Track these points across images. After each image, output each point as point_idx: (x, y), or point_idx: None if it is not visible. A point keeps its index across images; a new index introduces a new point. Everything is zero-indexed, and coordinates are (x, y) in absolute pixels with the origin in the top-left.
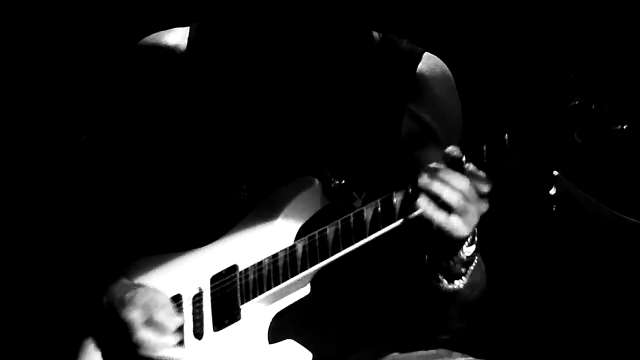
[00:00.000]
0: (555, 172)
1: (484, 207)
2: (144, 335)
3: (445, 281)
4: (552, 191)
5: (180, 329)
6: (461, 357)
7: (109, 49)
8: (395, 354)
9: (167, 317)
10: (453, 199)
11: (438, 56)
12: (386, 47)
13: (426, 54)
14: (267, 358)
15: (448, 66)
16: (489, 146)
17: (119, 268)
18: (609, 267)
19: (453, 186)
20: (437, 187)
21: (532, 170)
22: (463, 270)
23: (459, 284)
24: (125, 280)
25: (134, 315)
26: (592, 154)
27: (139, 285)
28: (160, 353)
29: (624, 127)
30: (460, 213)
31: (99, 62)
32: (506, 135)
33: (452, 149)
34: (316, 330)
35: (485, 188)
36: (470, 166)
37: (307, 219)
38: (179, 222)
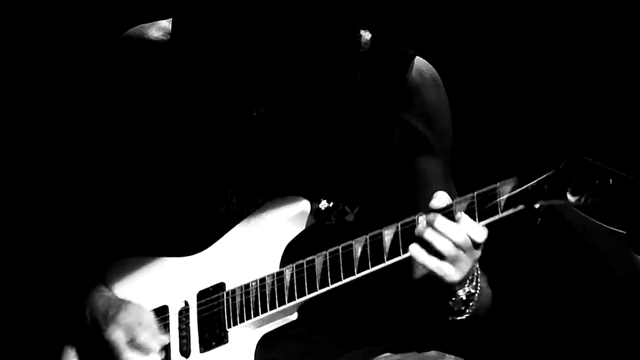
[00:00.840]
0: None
1: (477, 254)
2: (128, 356)
3: (446, 315)
4: (537, 205)
5: (167, 346)
6: (454, 359)
7: (90, 42)
8: (387, 354)
9: (151, 337)
10: (445, 248)
11: (429, 57)
12: (376, 50)
13: (417, 58)
14: None
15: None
16: (479, 200)
17: (101, 268)
18: (594, 278)
19: (446, 236)
20: (429, 235)
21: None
22: (463, 307)
23: (460, 317)
24: (107, 293)
25: (118, 335)
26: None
27: (123, 302)
28: None
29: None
30: (452, 261)
31: (81, 55)
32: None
33: (440, 200)
34: (303, 345)
35: (479, 238)
36: (464, 216)
37: (293, 237)
38: (164, 226)
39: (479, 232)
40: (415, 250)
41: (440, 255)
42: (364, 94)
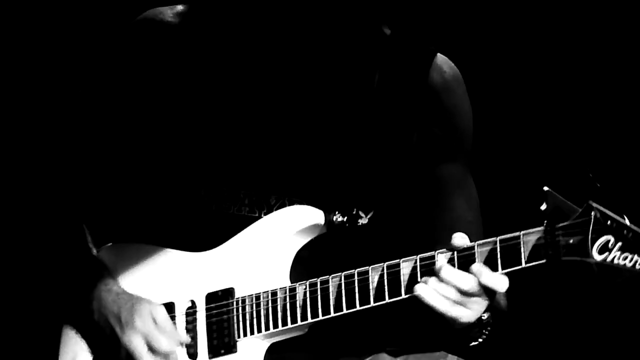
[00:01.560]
0: (546, 188)
1: (492, 297)
2: (163, 343)
3: (463, 342)
4: (543, 207)
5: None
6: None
7: (105, 27)
8: (385, 354)
9: (171, 341)
10: (451, 295)
11: (450, 54)
12: (396, 47)
13: (438, 57)
14: None
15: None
16: (502, 247)
17: (107, 254)
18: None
19: (453, 284)
20: (434, 283)
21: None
22: (479, 333)
23: (477, 342)
24: (115, 287)
25: (137, 343)
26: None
27: (134, 300)
28: None
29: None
30: (463, 304)
31: (96, 41)
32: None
33: (459, 241)
34: (310, 351)
35: (501, 287)
36: (477, 266)
37: (301, 246)
38: (173, 221)
39: (499, 281)
40: (421, 289)
41: (449, 300)
42: (383, 94)
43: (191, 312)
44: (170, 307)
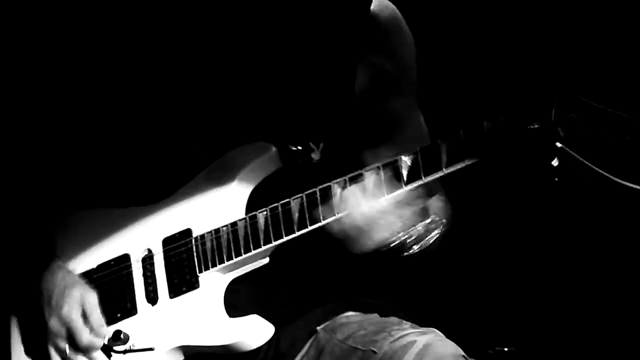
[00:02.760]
0: (559, 144)
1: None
2: (84, 338)
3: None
4: (555, 162)
5: (132, 294)
6: (410, 327)
7: None
8: (349, 313)
9: (91, 337)
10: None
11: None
12: None
13: None
14: (230, 332)
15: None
16: (465, 131)
17: (57, 220)
18: (611, 237)
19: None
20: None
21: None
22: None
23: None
24: (55, 263)
25: (58, 332)
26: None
27: (67, 278)
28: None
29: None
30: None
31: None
32: (485, 122)
33: None
34: (271, 293)
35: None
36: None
37: (258, 182)
38: (124, 176)
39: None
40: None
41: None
42: (326, 30)
43: (148, 259)
44: (125, 258)
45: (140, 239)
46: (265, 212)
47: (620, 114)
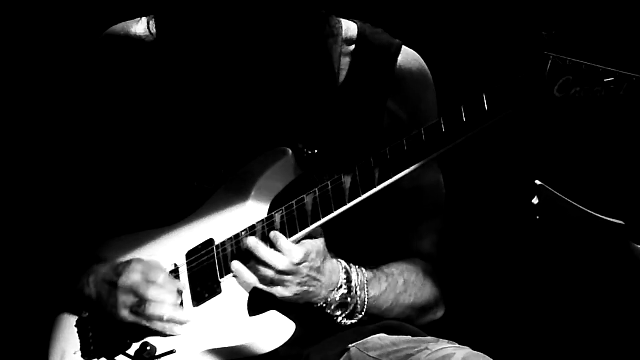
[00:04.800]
0: (538, 182)
1: (304, 272)
2: (150, 292)
3: (340, 319)
4: (535, 200)
5: None
6: (447, 343)
7: (73, 40)
8: (382, 335)
9: (168, 277)
10: (268, 275)
11: (416, 47)
12: (363, 39)
13: (404, 48)
14: (251, 330)
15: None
16: (466, 107)
17: (92, 250)
18: (595, 270)
19: (267, 264)
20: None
21: (514, 180)
22: (342, 311)
23: (351, 321)
24: (102, 259)
25: (134, 278)
26: (572, 112)
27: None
28: (165, 310)
29: (604, 88)
30: (279, 284)
31: (66, 53)
32: (484, 94)
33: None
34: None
35: (297, 258)
36: (280, 239)
37: (280, 190)
38: (149, 200)
39: (295, 252)
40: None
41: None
42: (353, 83)
43: (174, 273)
44: None
45: (166, 256)
46: (281, 212)
47: (614, 70)
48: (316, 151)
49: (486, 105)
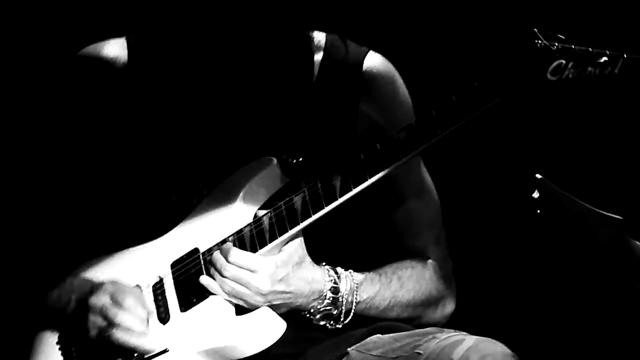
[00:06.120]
0: (538, 175)
1: (257, 283)
2: (118, 317)
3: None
4: (536, 194)
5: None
6: (453, 332)
7: (45, 60)
8: (378, 335)
9: (136, 301)
10: (227, 287)
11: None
12: (331, 48)
13: (371, 52)
14: (240, 329)
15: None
16: (458, 95)
17: (73, 269)
18: (595, 267)
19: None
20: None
21: (515, 174)
22: (326, 321)
23: (341, 324)
24: (82, 277)
25: (105, 300)
26: (566, 94)
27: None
28: (130, 337)
29: (597, 68)
30: (240, 296)
31: (38, 73)
32: (476, 83)
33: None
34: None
35: (253, 266)
36: (233, 251)
37: (267, 199)
38: (132, 222)
39: (251, 260)
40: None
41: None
42: (323, 87)
43: (158, 285)
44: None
45: (150, 269)
46: (269, 213)
47: (605, 51)
48: (300, 159)
49: (475, 94)
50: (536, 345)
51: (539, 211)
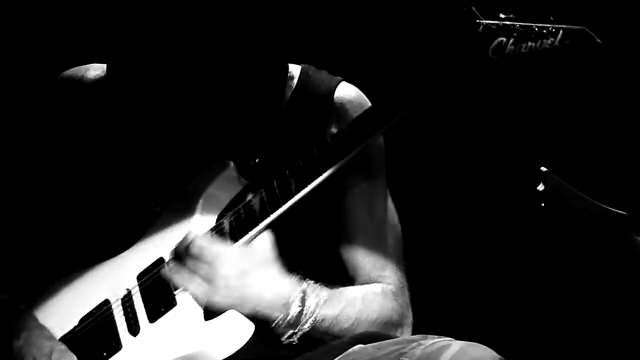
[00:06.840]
0: (543, 168)
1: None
2: None
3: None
4: (540, 187)
5: (115, 332)
6: (437, 338)
7: (28, 82)
8: (360, 345)
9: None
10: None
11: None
12: (304, 78)
13: (343, 82)
14: (207, 334)
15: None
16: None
17: (32, 296)
18: (599, 261)
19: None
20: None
21: (520, 168)
22: (287, 336)
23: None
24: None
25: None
26: (510, 71)
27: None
28: None
29: (537, 43)
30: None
31: (19, 94)
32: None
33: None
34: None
35: (210, 255)
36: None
37: (227, 202)
38: (94, 239)
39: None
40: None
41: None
42: (292, 114)
43: (126, 297)
44: (105, 304)
45: (117, 283)
46: (229, 217)
47: (542, 25)
48: (257, 160)
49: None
50: (524, 349)
51: (543, 204)
